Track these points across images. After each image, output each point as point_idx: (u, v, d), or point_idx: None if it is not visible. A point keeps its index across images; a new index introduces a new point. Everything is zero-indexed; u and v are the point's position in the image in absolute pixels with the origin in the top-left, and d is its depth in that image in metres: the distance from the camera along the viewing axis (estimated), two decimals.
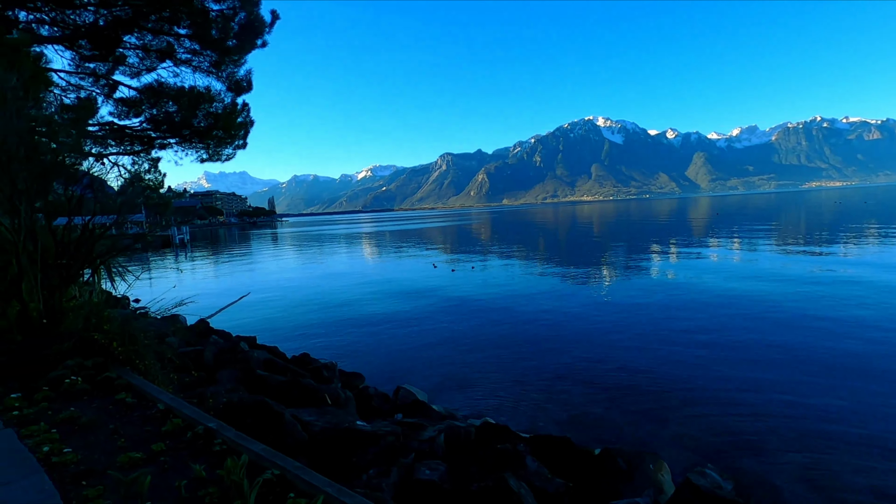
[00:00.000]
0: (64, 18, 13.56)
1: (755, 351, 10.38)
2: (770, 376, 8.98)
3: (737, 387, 8.63)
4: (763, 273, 19.41)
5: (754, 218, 60.23)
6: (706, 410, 7.85)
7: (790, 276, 18.46)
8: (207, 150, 14.70)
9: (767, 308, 13.73)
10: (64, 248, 4.29)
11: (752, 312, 13.37)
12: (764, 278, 18.26)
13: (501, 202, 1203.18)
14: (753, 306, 14.02)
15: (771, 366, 9.50)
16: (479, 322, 14.21)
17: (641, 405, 8.21)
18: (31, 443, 2.55)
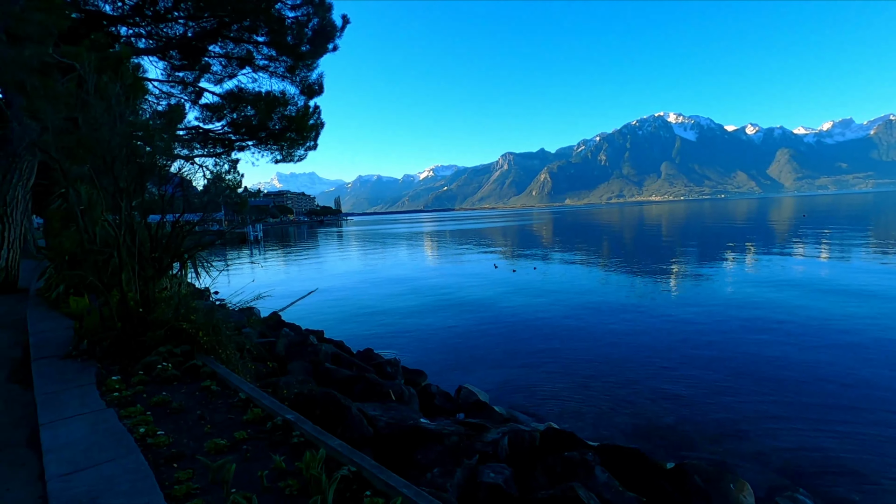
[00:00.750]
0: (158, 31, 14.72)
1: (848, 368, 9.39)
2: (871, 395, 8.08)
3: (830, 403, 7.85)
4: (856, 286, 17.51)
5: (848, 221, 54.70)
6: (792, 426, 7.19)
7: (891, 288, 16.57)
8: (281, 151, 15.46)
9: (865, 325, 12.37)
10: (157, 243, 4.61)
11: (848, 327, 12.11)
12: (856, 292, 16.46)
13: (564, 202, 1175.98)
14: (849, 323, 12.67)
15: (871, 385, 8.55)
16: (541, 324, 13.92)
17: (716, 417, 7.68)
18: (128, 423, 2.75)
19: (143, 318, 4.17)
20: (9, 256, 11.17)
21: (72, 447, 2.43)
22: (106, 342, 4.12)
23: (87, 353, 4.17)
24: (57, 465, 2.23)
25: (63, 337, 5.04)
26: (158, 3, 13.77)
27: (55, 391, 3.32)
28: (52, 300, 6.85)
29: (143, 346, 4.07)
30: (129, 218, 4.07)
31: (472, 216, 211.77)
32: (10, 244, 11.19)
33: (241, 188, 6.11)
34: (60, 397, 3.20)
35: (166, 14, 13.94)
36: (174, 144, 14.89)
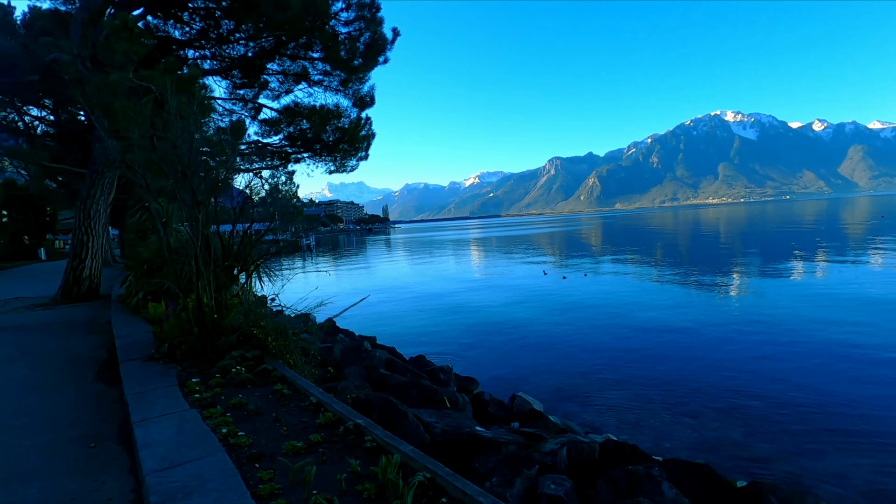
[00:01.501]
0: (221, 52, 15.63)
1: None
2: None
3: None
4: None
5: None
6: (877, 444, 6.61)
7: None
8: (335, 162, 16.01)
9: None
10: (229, 252, 4.88)
11: None
12: None
13: (614, 206, 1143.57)
14: None
15: None
16: (593, 331, 13.57)
17: (789, 432, 7.19)
18: (211, 423, 2.91)
19: (217, 323, 4.42)
20: (92, 265, 12.16)
21: (163, 444, 2.60)
22: (184, 346, 4.39)
23: (168, 356, 4.47)
24: (152, 461, 2.39)
25: (144, 340, 5.41)
26: (222, 26, 14.63)
27: (142, 392, 3.57)
28: (133, 306, 7.38)
29: (218, 350, 4.30)
30: (206, 229, 4.34)
31: (519, 222, 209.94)
32: (94, 254, 12.18)
33: (296, 199, 6.36)
34: (147, 397, 3.44)
35: (229, 36, 14.78)
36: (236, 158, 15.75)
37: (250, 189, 4.84)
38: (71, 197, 26.99)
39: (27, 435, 3.73)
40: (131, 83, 8.14)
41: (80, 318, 9.43)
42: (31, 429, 3.87)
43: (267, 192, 5.58)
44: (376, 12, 13.34)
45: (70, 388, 5.08)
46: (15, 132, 21.34)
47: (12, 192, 30.57)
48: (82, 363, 6.17)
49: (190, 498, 2.00)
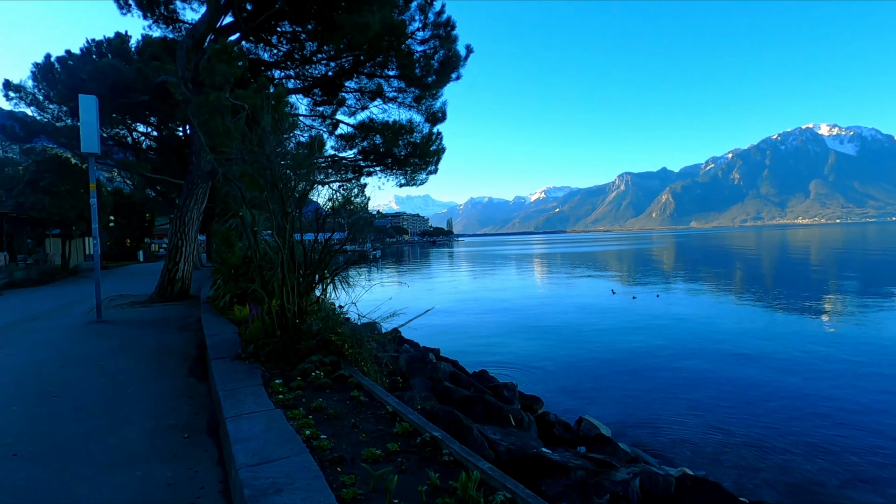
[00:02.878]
0: (304, 72, 16.65)
1: None
2: None
3: None
4: None
5: None
6: None
7: None
8: (405, 175, 16.48)
9: None
10: (310, 260, 5.14)
11: None
12: None
13: (689, 225, 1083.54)
14: None
15: None
16: (666, 356, 12.85)
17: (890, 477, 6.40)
18: (294, 424, 3.06)
19: (297, 328, 4.65)
20: (184, 268, 13.25)
21: (253, 441, 2.76)
22: (268, 348, 4.66)
23: (253, 357, 4.76)
24: (244, 456, 2.55)
25: (231, 340, 5.80)
26: (306, 48, 15.60)
27: (232, 389, 3.82)
28: (220, 307, 7.94)
29: (298, 353, 4.53)
30: (291, 238, 4.61)
31: (586, 238, 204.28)
32: (186, 258, 13.28)
33: (366, 211, 6.57)
34: (237, 395, 3.67)
35: (311, 57, 15.72)
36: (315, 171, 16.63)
37: (332, 201, 5.08)
38: (168, 205, 29.72)
39: (136, 421, 4.15)
40: (227, 102, 8.88)
41: (173, 316, 10.29)
42: (138, 417, 4.29)
43: (340, 204, 5.81)
44: (451, 30, 13.68)
45: (167, 380, 5.55)
46: (124, 146, 23.89)
47: (119, 200, 34.14)
48: (176, 358, 6.72)
49: (280, 495, 2.11)
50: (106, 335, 8.40)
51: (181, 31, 14.93)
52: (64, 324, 9.80)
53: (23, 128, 20.28)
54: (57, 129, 19.60)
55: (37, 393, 5.16)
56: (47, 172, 21.67)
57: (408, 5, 13.14)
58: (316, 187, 6.66)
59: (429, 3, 13.29)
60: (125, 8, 13.02)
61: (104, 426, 4.12)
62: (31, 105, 19.45)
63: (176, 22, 14.76)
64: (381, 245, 7.08)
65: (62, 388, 5.32)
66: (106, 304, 11.73)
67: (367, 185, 10.03)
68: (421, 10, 13.36)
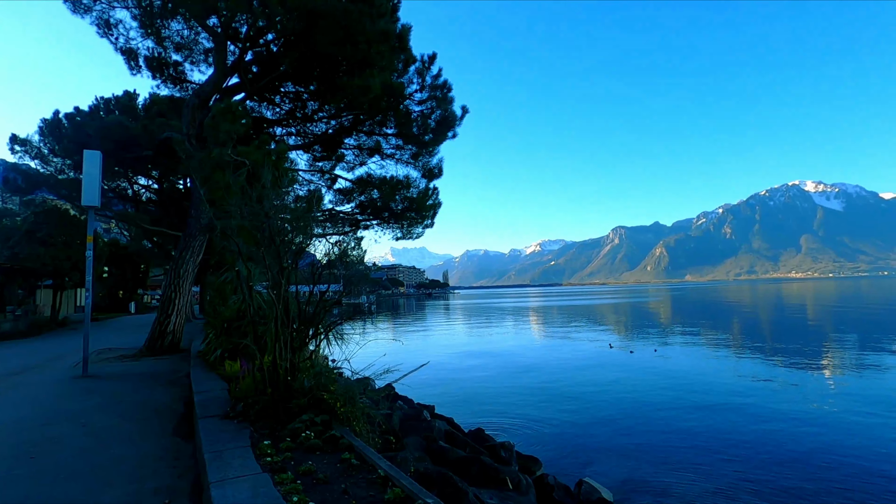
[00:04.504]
0: (305, 130, 17.22)
1: None
2: None
3: None
4: None
5: None
6: None
7: None
8: (402, 229, 16.68)
9: None
10: (304, 315, 5.10)
11: None
12: None
13: (684, 278, 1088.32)
14: None
15: None
16: (668, 412, 12.55)
17: None
18: (282, 490, 2.93)
19: (289, 385, 4.55)
20: (176, 321, 13.07)
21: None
22: (258, 406, 4.53)
23: (242, 415, 4.62)
24: None
25: (220, 397, 5.65)
26: (307, 107, 16.22)
27: (219, 451, 3.68)
28: (211, 362, 7.78)
29: (289, 412, 4.40)
30: (286, 293, 4.60)
31: (581, 292, 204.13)
32: (179, 310, 13.13)
33: (363, 264, 6.60)
34: (223, 457, 3.54)
35: (313, 115, 16.31)
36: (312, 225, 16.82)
37: (329, 254, 5.12)
38: (164, 256, 29.73)
39: (118, 485, 4.01)
40: (230, 158, 9.12)
41: (162, 371, 10.04)
42: (120, 480, 4.13)
43: (336, 257, 5.85)
44: (447, 92, 14.32)
45: (152, 439, 5.36)
46: (124, 198, 24.22)
47: (115, 251, 34.15)
48: (163, 415, 6.51)
49: None
50: (91, 391, 8.17)
51: (188, 90, 15.55)
52: (49, 378, 9.54)
53: (25, 180, 20.61)
54: (59, 181, 19.93)
55: (16, 454, 4.96)
56: (45, 223, 21.80)
57: (406, 68, 13.82)
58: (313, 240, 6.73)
59: (427, 67, 13.99)
60: (135, 69, 13.61)
61: (84, 490, 3.95)
62: (36, 158, 19.87)
63: (183, 82, 15.40)
64: (376, 297, 7.03)
65: (43, 448, 5.13)
66: (93, 357, 11.47)
67: (364, 238, 10.05)
68: (419, 74, 14.04)
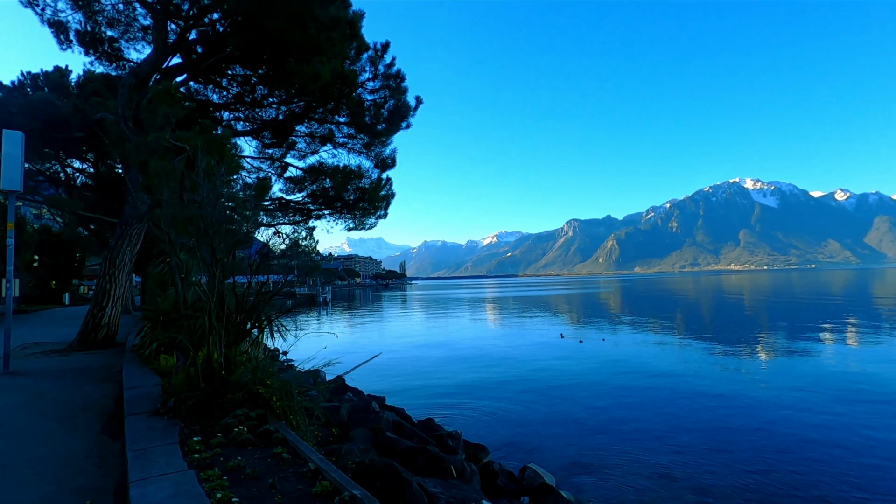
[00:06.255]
0: (254, 115, 16.62)
1: None
2: None
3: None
4: None
5: None
6: None
7: None
8: (354, 219, 16.46)
9: None
10: (242, 308, 4.97)
11: None
12: None
13: (633, 270, 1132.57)
14: None
15: None
16: (613, 402, 13.08)
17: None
18: (207, 487, 2.86)
19: (224, 380, 4.42)
20: (111, 314, 12.40)
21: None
22: (190, 402, 4.38)
23: (173, 412, 4.46)
24: None
25: (153, 393, 5.42)
26: (257, 92, 15.65)
27: (144, 448, 3.54)
28: (146, 357, 7.44)
29: (223, 407, 4.29)
30: (221, 285, 4.45)
31: (536, 283, 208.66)
32: (114, 302, 12.46)
33: (315, 253, 6.50)
34: (148, 455, 3.41)
35: (262, 100, 15.77)
36: (260, 214, 16.31)
37: (267, 244, 4.99)
38: (101, 244, 28.04)
39: (34, 485, 3.77)
40: (167, 143, 8.68)
41: (93, 366, 9.52)
42: (37, 480, 3.89)
43: (287, 246, 5.72)
44: (401, 82, 14.18)
45: (78, 439, 5.08)
46: (56, 182, 22.62)
47: (47, 238, 31.89)
48: (90, 413, 6.18)
49: None
50: (12, 389, 7.63)
51: (125, 68, 14.64)
52: None
53: None
54: None
55: None
56: None
57: (359, 56, 13.56)
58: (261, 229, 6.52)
59: (379, 56, 13.79)
60: (65, 44, 12.67)
61: None
62: None
63: (120, 60, 14.48)
64: (331, 288, 6.93)
65: None
66: (17, 353, 10.73)
67: (316, 229, 9.85)
68: (372, 62, 13.82)
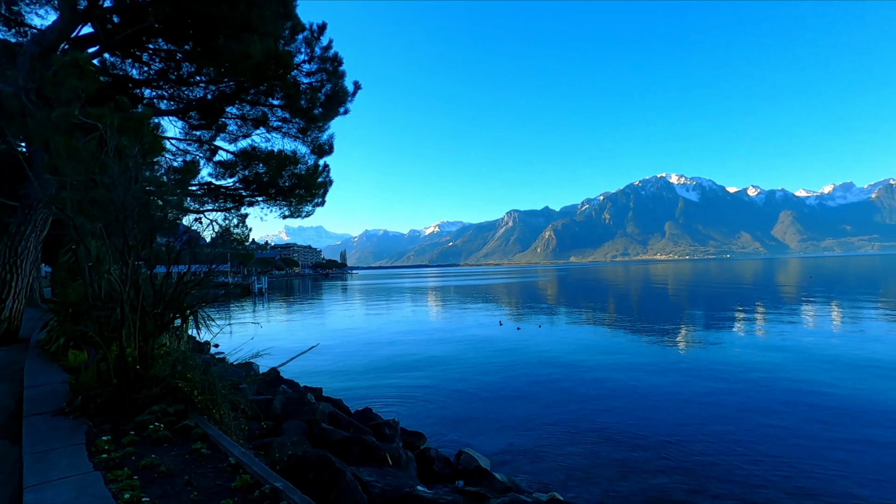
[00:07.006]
0: (179, 94, 15.55)
1: None
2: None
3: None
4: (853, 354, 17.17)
5: (852, 284, 54.35)
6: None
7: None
8: (290, 207, 15.87)
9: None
10: (161, 298, 4.66)
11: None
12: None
13: (569, 259, 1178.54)
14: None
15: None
16: (547, 386, 13.58)
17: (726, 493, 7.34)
18: (114, 488, 2.67)
19: (139, 375, 4.14)
20: (13, 307, 11.25)
21: None
22: (100, 399, 4.07)
23: (81, 410, 4.12)
24: None
25: (59, 391, 4.99)
26: (182, 69, 14.64)
27: (44, 451, 3.25)
28: (52, 352, 6.83)
29: (138, 404, 4.02)
30: (135, 274, 4.15)
31: (477, 272, 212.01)
32: (16, 294, 11.31)
33: (248, 241, 6.23)
34: (49, 457, 3.13)
35: (189, 78, 14.78)
36: (186, 199, 15.33)
37: (190, 230, 4.70)
38: (3, 230, 25.32)
39: None
40: (76, 120, 7.92)
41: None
42: None
43: (217, 234, 5.43)
44: (338, 66, 13.76)
45: None
46: None
47: None
48: None
49: None
50: None
51: (27, 35, 13.19)
52: None
53: None
54: None
55: None
56: None
57: (294, 37, 13.01)
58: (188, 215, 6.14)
59: (316, 38, 13.29)
60: None
61: None
62: None
63: (21, 25, 13.03)
64: (266, 277, 6.64)
65: None
66: None
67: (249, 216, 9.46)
68: (307, 44, 13.30)
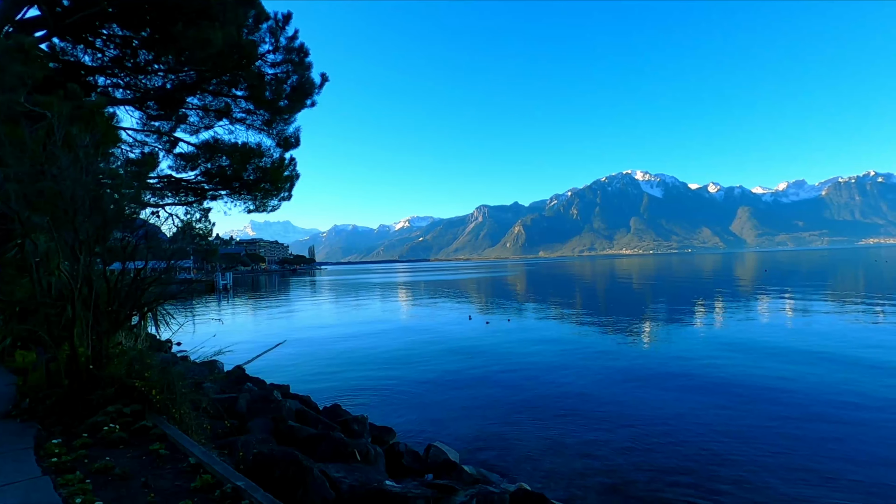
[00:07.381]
0: (136, 83, 14.89)
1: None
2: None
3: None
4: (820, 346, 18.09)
5: (804, 276, 57.20)
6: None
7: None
8: (255, 201, 15.45)
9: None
10: (115, 295, 4.48)
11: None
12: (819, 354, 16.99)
13: (538, 254, 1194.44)
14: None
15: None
16: (515, 378, 13.76)
17: (685, 472, 7.64)
18: (65, 493, 2.56)
19: (93, 375, 3.96)
20: None
21: None
22: (50, 401, 3.88)
23: (29, 413, 3.91)
24: None
25: (5, 394, 4.73)
26: (139, 56, 14.02)
27: None
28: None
29: (91, 405, 3.85)
30: (87, 270, 3.96)
31: (447, 267, 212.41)
32: None
33: (211, 236, 6.04)
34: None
35: (146, 66, 14.17)
36: (144, 192, 14.71)
37: (145, 226, 4.51)
38: None
39: None
40: (22, 108, 7.48)
41: None
42: None
43: (178, 229, 5.24)
44: (304, 57, 13.47)
45: None
46: None
47: None
48: None
49: None
50: None
51: None
52: None
53: None
54: None
55: None
56: None
57: (258, 25, 12.65)
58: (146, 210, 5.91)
59: (281, 27, 12.96)
60: None
61: None
62: None
63: None
64: (231, 274, 6.44)
65: None
66: None
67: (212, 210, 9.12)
68: (272, 33, 12.96)
